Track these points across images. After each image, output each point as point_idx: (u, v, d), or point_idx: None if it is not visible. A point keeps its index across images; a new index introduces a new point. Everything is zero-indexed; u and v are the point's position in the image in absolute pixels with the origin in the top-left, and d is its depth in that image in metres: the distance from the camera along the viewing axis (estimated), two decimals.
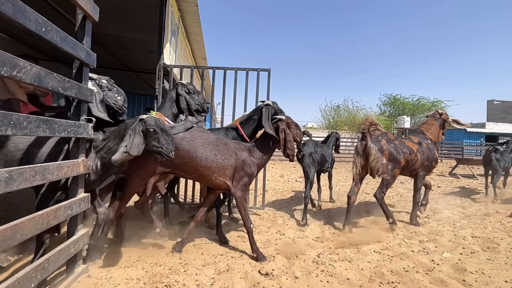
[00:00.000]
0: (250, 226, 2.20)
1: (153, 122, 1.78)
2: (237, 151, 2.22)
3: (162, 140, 1.77)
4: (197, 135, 2.14)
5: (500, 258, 2.35)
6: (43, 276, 1.34)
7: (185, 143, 2.05)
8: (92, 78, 2.15)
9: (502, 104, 28.22)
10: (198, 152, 2.07)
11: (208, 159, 2.09)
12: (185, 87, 2.56)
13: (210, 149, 2.12)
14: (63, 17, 4.67)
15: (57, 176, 1.44)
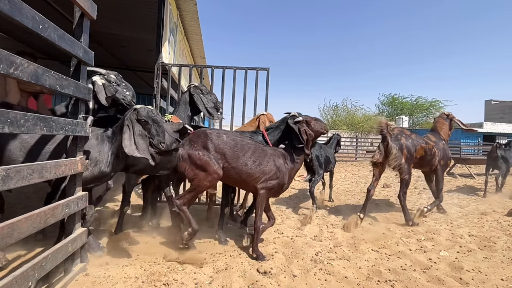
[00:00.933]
0: (259, 226, 2.24)
1: (145, 113, 1.82)
2: (274, 157, 2.29)
3: (153, 131, 1.82)
4: (239, 141, 2.24)
5: (497, 257, 2.37)
6: (41, 275, 1.33)
7: (228, 149, 2.17)
8: (101, 73, 2.19)
9: (499, 104, 28.37)
10: (240, 158, 2.18)
11: (247, 165, 2.19)
12: (198, 88, 2.59)
13: (249, 155, 2.22)
14: (61, 15, 4.65)
15: (55, 175, 1.44)
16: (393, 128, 3.26)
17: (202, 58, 6.89)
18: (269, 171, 2.22)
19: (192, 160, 2.12)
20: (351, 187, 6.01)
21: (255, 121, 3.24)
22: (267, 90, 3.68)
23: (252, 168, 2.19)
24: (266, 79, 3.64)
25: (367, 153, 14.12)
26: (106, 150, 1.88)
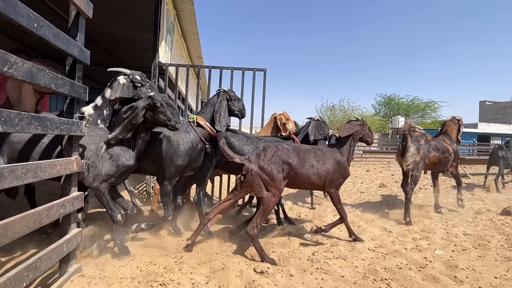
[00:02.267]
0: (346, 217, 2.55)
1: (159, 97, 2.07)
2: (333, 155, 2.52)
3: (169, 114, 2.06)
4: (300, 148, 2.44)
5: (491, 255, 2.40)
6: (35, 276, 1.32)
7: (294, 156, 2.32)
8: (126, 74, 2.31)
9: (494, 105, 28.75)
10: (306, 165, 2.35)
11: (314, 166, 2.37)
12: (227, 93, 2.67)
13: (313, 158, 2.40)
14: (57, 14, 4.60)
15: (50, 174, 1.42)
16: (416, 131, 3.55)
17: (200, 58, 6.88)
18: (332, 169, 2.44)
19: (262, 176, 2.16)
20: (348, 187, 6.04)
21: (273, 121, 3.42)
22: (264, 90, 3.69)
23: (318, 171, 2.38)
24: (263, 80, 3.66)
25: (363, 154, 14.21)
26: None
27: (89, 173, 1.91)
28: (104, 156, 1.96)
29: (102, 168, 1.95)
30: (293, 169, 2.28)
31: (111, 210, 2.00)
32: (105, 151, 1.97)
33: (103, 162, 1.96)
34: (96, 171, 1.93)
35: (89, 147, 1.94)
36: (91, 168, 1.92)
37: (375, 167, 10.60)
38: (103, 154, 1.96)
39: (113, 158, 1.98)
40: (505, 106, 27.52)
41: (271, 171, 2.17)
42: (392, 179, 7.51)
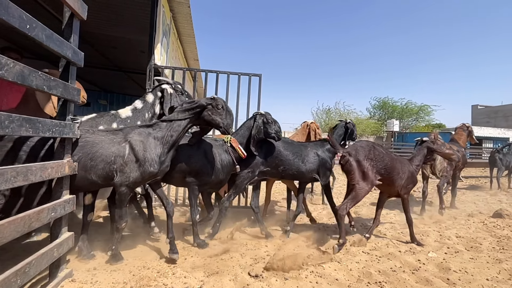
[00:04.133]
0: (411, 219, 2.78)
1: (222, 100, 2.17)
2: (408, 166, 2.80)
3: (225, 117, 2.15)
4: (390, 153, 2.75)
5: (483, 257, 2.43)
6: (24, 281, 1.29)
7: (387, 161, 2.63)
8: (169, 83, 2.48)
9: (486, 109, 29.34)
10: (395, 169, 2.65)
11: (399, 175, 2.68)
12: (264, 117, 2.72)
13: (398, 164, 2.70)
14: (51, 15, 4.56)
15: (41, 177, 1.40)
16: (438, 140, 4.05)
17: (196, 61, 6.87)
18: (408, 177, 2.73)
19: (359, 168, 2.50)
20: (343, 190, 6.06)
21: (306, 129, 3.96)
22: (259, 95, 3.73)
23: (400, 177, 2.68)
24: (258, 85, 3.71)
25: None
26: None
27: (126, 175, 1.89)
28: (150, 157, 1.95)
29: (133, 171, 1.91)
30: (386, 170, 2.61)
31: (120, 217, 1.99)
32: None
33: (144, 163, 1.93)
34: (129, 174, 1.90)
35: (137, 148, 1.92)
36: (126, 170, 1.89)
37: None
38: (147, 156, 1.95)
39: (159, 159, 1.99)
40: (496, 110, 28.11)
41: (367, 165, 2.52)
42: None
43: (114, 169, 1.87)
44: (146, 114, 2.42)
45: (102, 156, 1.85)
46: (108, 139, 1.91)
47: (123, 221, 2.00)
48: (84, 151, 1.82)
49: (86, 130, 1.90)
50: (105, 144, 1.88)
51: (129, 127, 2.06)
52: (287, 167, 2.74)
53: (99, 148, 1.85)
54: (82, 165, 1.80)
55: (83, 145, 1.83)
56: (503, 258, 2.40)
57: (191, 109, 2.10)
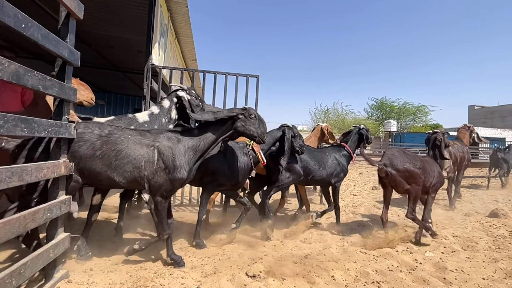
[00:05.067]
0: (428, 218, 2.92)
1: (254, 110, 2.12)
2: (435, 165, 2.99)
3: (259, 127, 2.11)
4: (419, 156, 2.97)
5: (479, 257, 2.45)
6: (19, 282, 1.28)
7: (420, 163, 2.79)
8: (183, 89, 2.55)
9: (482, 109, 29.56)
10: (426, 171, 2.81)
11: (429, 172, 2.85)
12: (292, 130, 2.79)
13: (430, 168, 2.88)
14: (48, 14, 4.54)
15: (36, 178, 1.39)
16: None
17: (194, 61, 6.86)
18: (436, 176, 2.90)
19: (403, 174, 2.67)
20: (341, 190, 6.07)
21: (319, 131, 4.15)
22: (257, 95, 3.75)
23: (431, 176, 2.85)
24: (256, 85, 3.73)
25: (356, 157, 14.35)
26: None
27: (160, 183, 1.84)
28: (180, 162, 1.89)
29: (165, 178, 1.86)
30: (424, 172, 2.78)
31: (162, 227, 1.95)
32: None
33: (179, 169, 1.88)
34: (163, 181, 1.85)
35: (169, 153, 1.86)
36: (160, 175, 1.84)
37: (368, 170, 10.71)
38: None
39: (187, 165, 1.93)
40: (493, 110, 28.34)
41: (410, 169, 2.68)
42: None
43: (145, 176, 1.82)
44: (162, 119, 2.44)
45: (129, 158, 1.78)
46: (136, 139, 1.84)
47: (165, 232, 1.95)
48: (109, 146, 1.77)
49: (112, 125, 1.88)
50: (133, 145, 1.81)
51: (158, 129, 2.01)
52: (315, 175, 2.95)
53: (125, 147, 1.79)
54: (105, 161, 1.75)
55: (108, 140, 1.78)
56: (499, 258, 2.42)
57: (223, 121, 2.02)
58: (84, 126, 1.82)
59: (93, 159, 1.75)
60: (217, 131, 2.02)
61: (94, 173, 1.78)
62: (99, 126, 1.84)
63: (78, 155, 1.75)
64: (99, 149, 1.75)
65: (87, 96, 2.34)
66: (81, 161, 1.75)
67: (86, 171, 1.78)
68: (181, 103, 2.48)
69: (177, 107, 2.49)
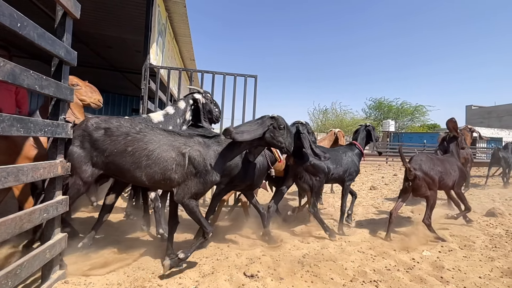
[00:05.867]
0: (469, 208, 3.36)
1: (282, 119, 2.02)
2: (457, 164, 3.25)
3: (287, 136, 2.01)
4: (443, 158, 3.21)
5: (475, 255, 2.47)
6: (15, 283, 1.27)
7: (444, 166, 3.06)
8: (200, 92, 2.63)
9: (479, 109, 29.75)
10: (449, 172, 3.06)
11: (452, 172, 3.11)
12: (305, 127, 2.84)
13: (452, 167, 3.12)
14: (44, 13, 4.51)
15: (32, 178, 1.38)
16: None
17: (192, 61, 6.85)
18: (459, 174, 3.16)
19: (427, 179, 2.83)
20: (340, 189, 6.09)
21: (333, 136, 4.45)
22: (255, 96, 3.75)
23: (454, 175, 3.10)
24: (254, 86, 3.73)
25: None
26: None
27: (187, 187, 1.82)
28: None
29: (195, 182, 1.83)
30: (445, 174, 3.02)
31: (204, 227, 1.92)
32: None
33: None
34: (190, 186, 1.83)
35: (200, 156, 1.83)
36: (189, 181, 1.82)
37: (366, 169, 10.75)
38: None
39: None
40: (490, 110, 28.53)
41: (433, 175, 2.87)
42: (383, 181, 7.63)
43: (175, 179, 1.80)
44: (177, 120, 2.48)
45: (161, 159, 1.76)
46: (167, 140, 1.82)
47: (208, 230, 1.92)
48: (140, 144, 1.75)
49: (143, 123, 1.87)
50: (164, 146, 1.79)
51: (188, 133, 1.99)
52: (333, 172, 3.01)
53: (157, 147, 1.77)
54: (135, 159, 1.74)
55: (140, 138, 1.77)
56: (495, 256, 2.44)
57: (251, 131, 1.93)
58: (115, 121, 1.82)
59: (123, 155, 1.75)
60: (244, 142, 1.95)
61: (121, 168, 1.78)
62: (130, 122, 1.84)
63: (108, 149, 1.75)
64: (130, 145, 1.75)
65: (95, 98, 2.37)
66: (110, 155, 1.75)
67: (113, 166, 1.78)
68: (196, 106, 2.56)
69: (192, 109, 2.57)
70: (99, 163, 1.78)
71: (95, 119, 1.83)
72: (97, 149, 1.76)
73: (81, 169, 1.76)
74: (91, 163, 1.78)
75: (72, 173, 1.75)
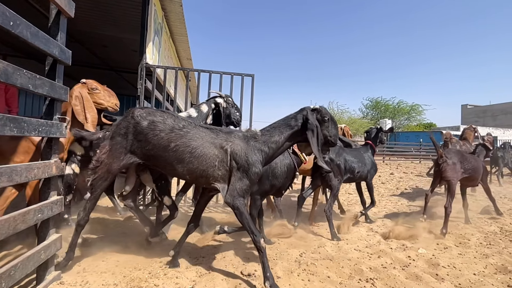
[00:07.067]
0: (494, 198, 3.81)
1: (326, 110, 1.92)
2: (481, 162, 3.55)
3: (332, 128, 1.92)
4: (471, 156, 3.52)
5: (470, 253, 2.49)
6: (9, 285, 1.26)
7: (472, 162, 3.34)
8: (221, 96, 2.69)
9: (474, 108, 30.06)
10: (476, 167, 3.34)
11: (479, 168, 3.42)
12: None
13: (475, 163, 3.37)
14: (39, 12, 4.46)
15: (26, 178, 1.37)
16: (453, 138, 4.75)
17: (189, 60, 6.82)
18: (483, 171, 3.51)
19: (454, 168, 3.15)
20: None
21: (340, 132, 4.27)
22: (252, 95, 3.74)
23: (479, 172, 3.40)
24: (251, 85, 3.72)
25: None
26: None
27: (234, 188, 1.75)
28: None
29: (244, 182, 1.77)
30: (472, 169, 3.28)
31: (253, 234, 1.76)
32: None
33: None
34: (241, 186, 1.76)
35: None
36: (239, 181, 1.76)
37: None
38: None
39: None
40: (485, 109, 28.83)
41: (459, 167, 3.17)
42: (379, 180, 7.68)
43: (219, 176, 1.77)
44: (200, 123, 2.49)
45: (204, 157, 1.75)
46: (210, 137, 1.80)
47: (257, 237, 1.74)
48: (183, 141, 1.75)
49: (187, 121, 1.87)
50: (207, 143, 1.78)
51: (228, 129, 1.98)
52: (359, 171, 3.16)
53: (200, 144, 1.76)
54: (179, 155, 1.74)
55: (183, 135, 1.77)
56: (489, 253, 2.47)
57: (291, 126, 1.85)
58: (159, 115, 1.83)
59: (167, 150, 1.75)
60: (282, 137, 1.84)
61: (162, 162, 1.80)
62: (174, 118, 1.85)
63: (151, 142, 1.76)
64: (174, 141, 1.75)
65: (112, 102, 2.39)
66: (153, 149, 1.77)
67: (154, 158, 1.79)
68: (217, 110, 2.62)
69: (214, 113, 2.63)
70: (139, 153, 1.81)
71: (140, 110, 1.85)
72: (140, 140, 1.78)
73: (117, 158, 1.79)
74: (129, 153, 1.81)
75: (108, 160, 1.78)
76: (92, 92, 2.20)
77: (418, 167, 11.64)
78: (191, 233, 2.10)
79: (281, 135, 1.85)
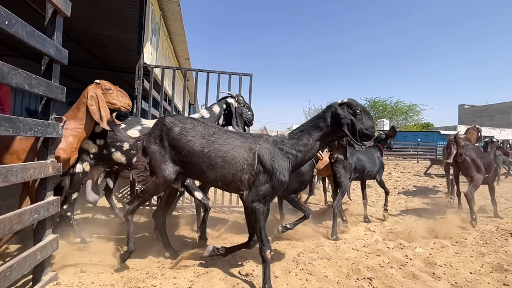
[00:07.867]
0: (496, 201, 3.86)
1: (356, 101, 1.79)
2: (493, 162, 3.72)
3: (368, 121, 1.80)
4: (486, 154, 3.73)
5: (467, 252, 2.51)
6: (5, 285, 1.25)
7: (487, 159, 3.56)
8: (232, 96, 2.69)
9: (471, 108, 30.26)
10: (489, 165, 3.57)
11: (492, 166, 3.62)
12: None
13: (488, 161, 3.58)
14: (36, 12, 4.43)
15: (22, 178, 1.36)
16: (461, 138, 4.77)
17: (187, 60, 6.81)
18: (494, 170, 3.70)
19: (475, 164, 3.39)
20: None
21: None
22: (250, 94, 3.74)
23: (491, 170, 3.57)
24: (249, 84, 3.73)
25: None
26: None
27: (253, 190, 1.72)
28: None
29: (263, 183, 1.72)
30: (488, 166, 3.49)
31: (262, 242, 1.71)
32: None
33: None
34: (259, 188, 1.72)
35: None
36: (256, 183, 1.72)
37: None
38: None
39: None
40: (481, 109, 29.04)
41: (479, 162, 3.38)
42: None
43: (246, 179, 1.73)
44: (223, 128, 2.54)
45: (234, 160, 1.73)
46: (239, 141, 1.79)
47: (266, 247, 1.70)
48: (215, 146, 1.76)
49: (216, 127, 1.88)
50: (238, 148, 1.76)
51: (257, 133, 2.00)
52: (369, 170, 3.30)
53: (231, 149, 1.75)
54: (212, 160, 1.74)
55: (215, 141, 1.78)
56: (486, 252, 2.49)
57: (320, 128, 1.76)
58: (190, 122, 1.85)
59: (200, 156, 1.76)
60: (311, 139, 1.76)
61: (197, 169, 1.80)
62: (204, 125, 1.86)
63: (185, 149, 1.78)
64: (207, 147, 1.76)
65: (125, 103, 2.38)
66: (188, 155, 1.78)
67: (189, 165, 1.81)
68: (229, 110, 2.63)
69: (225, 114, 2.65)
70: (177, 161, 1.83)
71: (171, 118, 1.87)
72: (174, 147, 1.80)
73: (162, 168, 1.80)
74: (171, 161, 1.82)
75: (154, 171, 1.80)
76: (105, 92, 2.20)
77: (416, 166, 11.70)
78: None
79: (310, 138, 1.77)
